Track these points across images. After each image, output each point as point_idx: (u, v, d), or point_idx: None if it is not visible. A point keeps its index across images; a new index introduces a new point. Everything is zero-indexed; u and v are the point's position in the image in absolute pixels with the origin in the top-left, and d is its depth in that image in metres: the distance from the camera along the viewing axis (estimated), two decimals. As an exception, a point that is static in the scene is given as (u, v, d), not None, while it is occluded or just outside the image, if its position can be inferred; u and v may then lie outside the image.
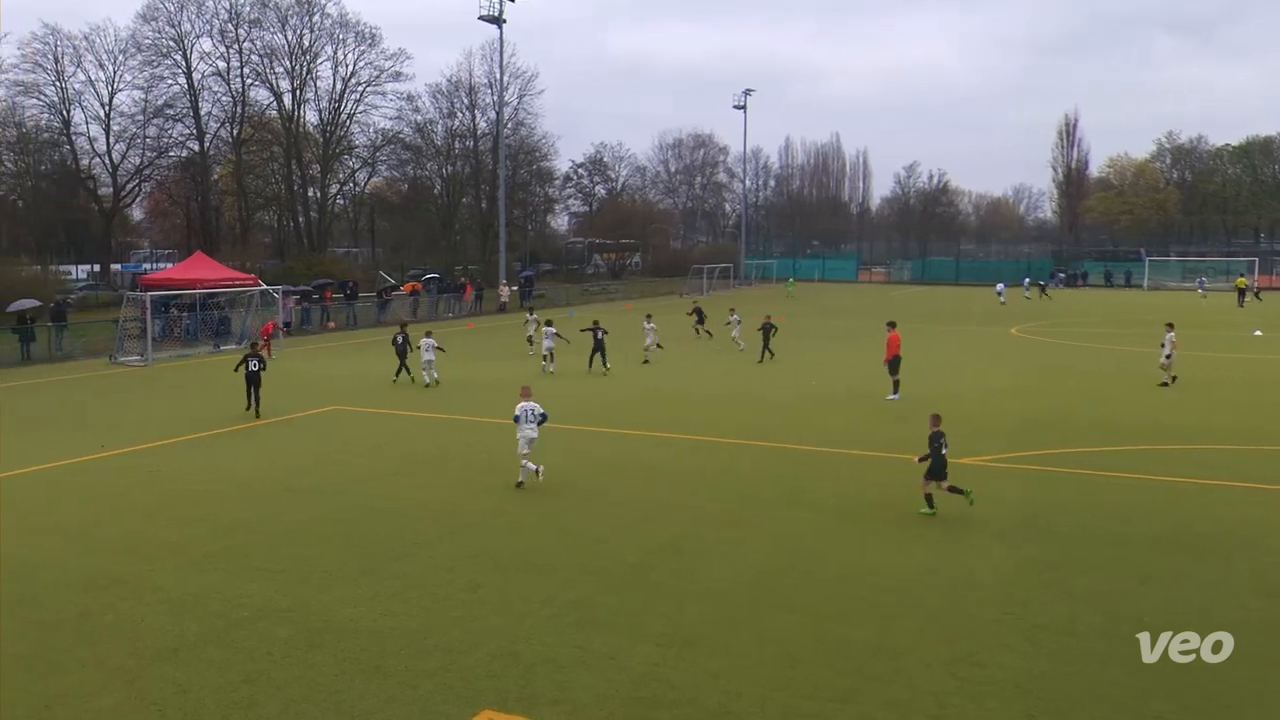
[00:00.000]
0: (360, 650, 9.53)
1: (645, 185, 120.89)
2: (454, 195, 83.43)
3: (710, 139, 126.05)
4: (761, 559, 12.37)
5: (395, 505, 14.90)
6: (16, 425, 21.80)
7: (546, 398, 17.43)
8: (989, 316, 54.33)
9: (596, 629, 10.08)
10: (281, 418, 22.53)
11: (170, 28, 65.89)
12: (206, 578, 11.61)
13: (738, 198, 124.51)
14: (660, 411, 23.10)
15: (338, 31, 71.26)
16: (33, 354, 33.57)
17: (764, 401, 24.68)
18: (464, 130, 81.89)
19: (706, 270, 77.53)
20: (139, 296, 35.12)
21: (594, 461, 17.93)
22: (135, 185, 71.28)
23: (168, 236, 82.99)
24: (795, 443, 19.53)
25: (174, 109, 67.69)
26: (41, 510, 14.66)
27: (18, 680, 8.90)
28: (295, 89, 70.56)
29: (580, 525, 13.89)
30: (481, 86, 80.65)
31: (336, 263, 66.97)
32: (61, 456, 18.20)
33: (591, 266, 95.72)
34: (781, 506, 14.91)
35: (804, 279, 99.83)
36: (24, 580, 11.52)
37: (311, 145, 73.79)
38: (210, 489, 15.89)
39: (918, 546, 12.81)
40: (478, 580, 11.51)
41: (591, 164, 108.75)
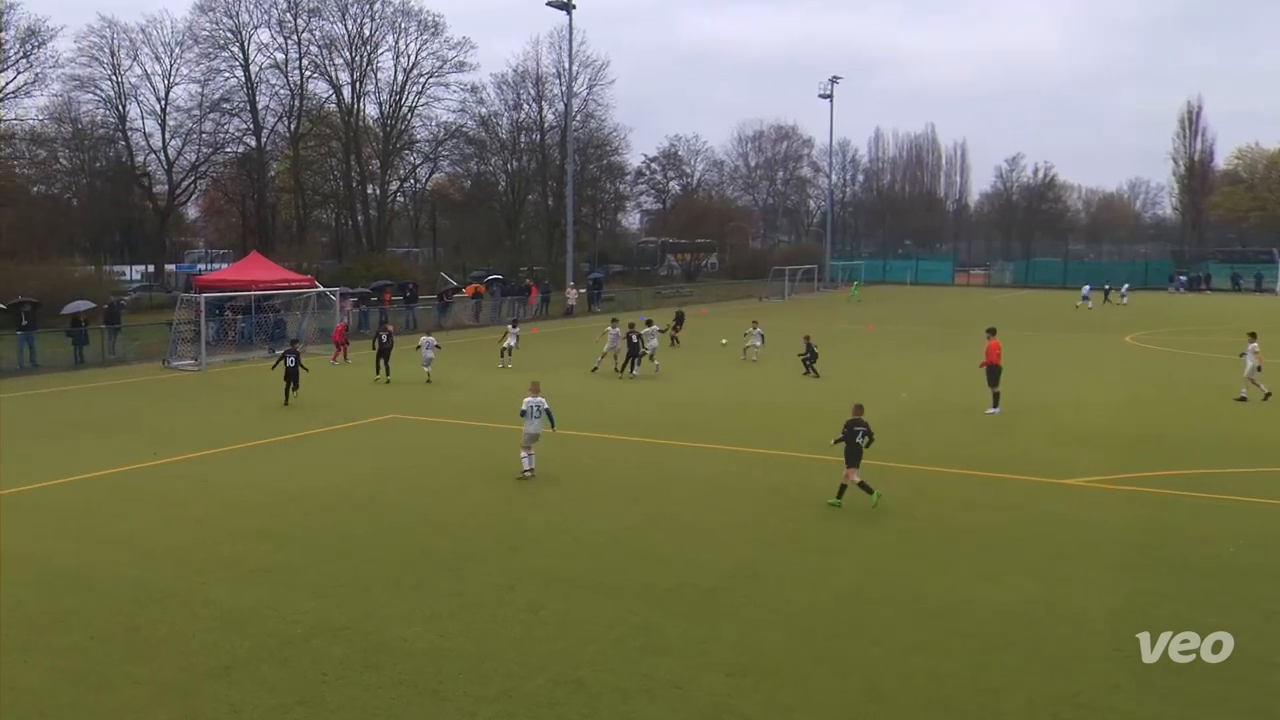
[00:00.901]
0: (417, 673, 9.72)
1: (723, 181, 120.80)
2: (519, 192, 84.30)
3: (793, 131, 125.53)
4: (843, 584, 12.30)
5: (453, 519, 15.15)
6: (69, 431, 22.67)
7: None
8: (1099, 323, 53.14)
9: (663, 656, 10.13)
10: (338, 426, 23.05)
11: (228, 18, 67.85)
12: (260, 592, 11.95)
13: (823, 194, 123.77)
14: (730, 424, 23.08)
15: (400, 20, 72.63)
16: (86, 357, 34.84)
17: (844, 415, 24.46)
18: (530, 123, 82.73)
19: (788, 272, 77.17)
20: (193, 298, 36.23)
21: (662, 476, 17.99)
22: (190, 182, 73.44)
23: (223, 236, 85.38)
24: (882, 459, 19.31)
25: (230, 103, 69.61)
26: (93, 520, 15.22)
27: (69, 695, 9.27)
28: (355, 81, 72.06)
29: (646, 544, 13.96)
30: (549, 77, 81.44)
31: (396, 263, 68.14)
32: (113, 464, 18.87)
33: (664, 268, 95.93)
34: (865, 527, 14.80)
35: (895, 281, 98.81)
36: (75, 592, 11.98)
37: (371, 140, 75.23)
38: (264, 500, 16.34)
39: (1018, 574, 12.60)
40: (539, 601, 11.65)
41: (665, 158, 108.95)
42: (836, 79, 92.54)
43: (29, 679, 9.57)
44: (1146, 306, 66.07)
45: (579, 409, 24.72)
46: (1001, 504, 16.15)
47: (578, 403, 25.67)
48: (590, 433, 21.97)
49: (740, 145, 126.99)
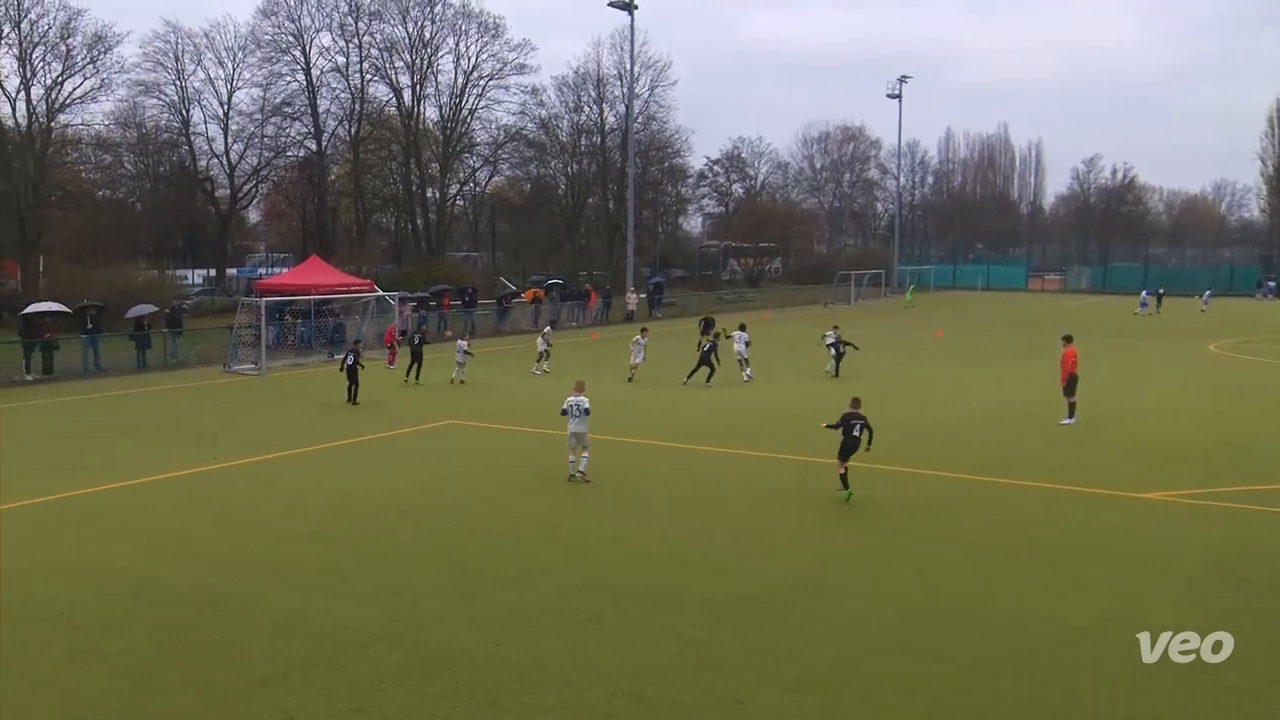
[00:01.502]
0: (473, 682, 9.79)
1: (787, 183, 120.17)
2: (579, 195, 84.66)
3: (860, 132, 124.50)
4: (907, 599, 12.16)
5: (511, 527, 15.25)
6: (131, 434, 23.24)
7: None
8: (1182, 330, 51.97)
9: (722, 670, 10.09)
10: (396, 431, 23.34)
11: (290, 22, 69.14)
12: (317, 597, 12.13)
13: (890, 196, 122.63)
14: (787, 431, 22.94)
15: (460, 22, 73.37)
16: (148, 361, 35.71)
17: (913, 425, 24.23)
18: (591, 125, 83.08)
19: (855, 277, 76.58)
20: (253, 302, 36.95)
21: (720, 485, 17.95)
22: (252, 186, 74.95)
23: (284, 239, 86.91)
24: (951, 470, 19.11)
25: (292, 107, 70.88)
26: (153, 523, 15.57)
27: (126, 699, 9.49)
28: (415, 84, 72.93)
29: (705, 555, 13.94)
30: (610, 78, 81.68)
31: (455, 267, 68.79)
32: (174, 467, 19.29)
33: (727, 272, 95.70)
34: (931, 541, 14.62)
35: (966, 287, 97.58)
36: (134, 595, 12.26)
37: (431, 143, 76.09)
38: (323, 504, 16.59)
39: (1091, 591, 12.36)
40: (596, 611, 11.68)
41: (728, 160, 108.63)
42: (905, 78, 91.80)
43: (88, 681, 9.82)
44: (1231, 313, 64.50)
45: (635, 415, 24.78)
46: (1073, 518, 15.84)
47: (634, 409, 25.73)
48: (648, 440, 22.00)
49: (805, 147, 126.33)
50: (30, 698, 9.47)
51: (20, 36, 52.35)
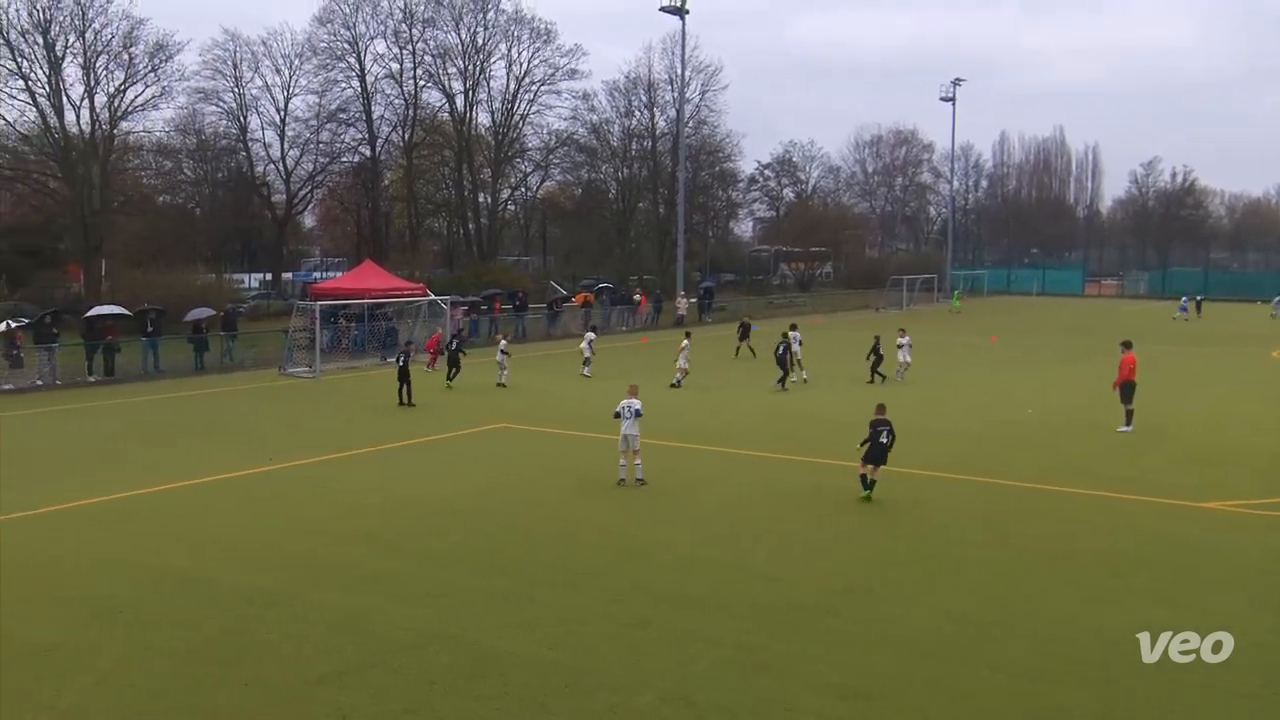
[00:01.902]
0: (523, 684, 9.85)
1: (839, 187, 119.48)
2: (630, 200, 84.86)
3: (913, 135, 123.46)
4: (960, 607, 12.04)
5: (561, 530, 15.33)
6: (189, 435, 23.67)
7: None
8: (1243, 337, 50.91)
9: (772, 675, 10.07)
10: (448, 434, 23.55)
11: (345, 30, 70.05)
12: (369, 598, 12.28)
13: (943, 200, 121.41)
14: (836, 436, 22.78)
15: (512, 28, 73.90)
16: (206, 363, 36.37)
17: (965, 431, 24.01)
18: (642, 130, 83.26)
19: (906, 281, 75.96)
20: (308, 306, 37.48)
21: (771, 490, 17.90)
22: (308, 192, 76.00)
23: (338, 244, 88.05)
24: (1004, 477, 18.89)
25: (347, 113, 71.81)
26: (209, 523, 15.86)
27: (185, 697, 9.67)
28: (468, 90, 73.58)
29: (754, 561, 13.91)
30: (661, 83, 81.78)
31: (506, 271, 69.27)
32: (231, 468, 19.62)
33: (777, 277, 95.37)
34: (983, 549, 14.49)
35: (1021, 292, 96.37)
36: (191, 594, 12.49)
37: (483, 148, 76.69)
38: (374, 506, 16.79)
39: (1149, 603, 12.14)
40: (645, 616, 11.70)
41: (779, 164, 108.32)
42: (959, 81, 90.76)
43: (147, 679, 10.02)
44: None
45: (683, 420, 24.77)
46: (1130, 527, 15.61)
47: (682, 413, 25.72)
48: (696, 445, 21.99)
49: (857, 151, 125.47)
50: (91, 694, 9.69)
51: (85, 46, 53.50)
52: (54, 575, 13.26)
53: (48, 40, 52.26)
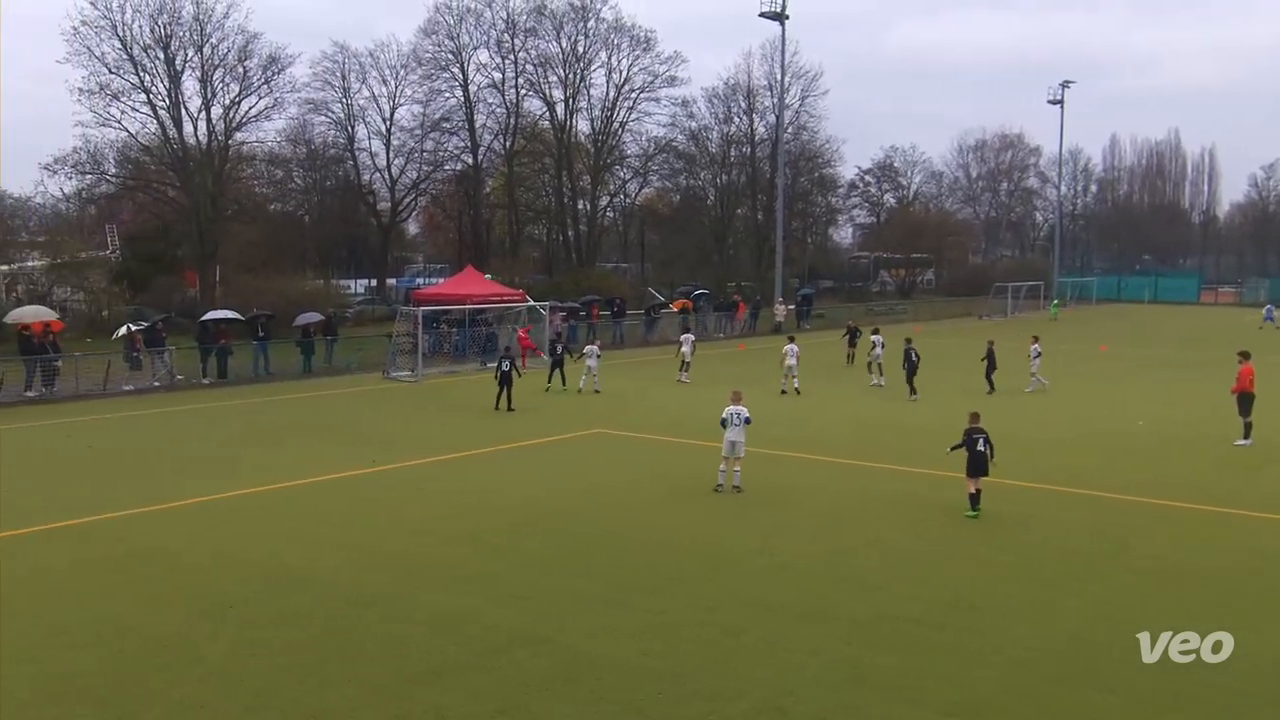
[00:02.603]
0: (617, 689, 9.85)
1: (941, 193, 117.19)
2: (728, 206, 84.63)
3: (1019, 139, 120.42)
4: (1073, 625, 11.65)
5: (656, 537, 15.31)
6: (297, 436, 24.32)
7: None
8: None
9: (872, 689, 9.89)
10: (546, 438, 23.74)
11: (449, 40, 71.29)
12: (468, 600, 12.43)
13: (1050, 206, 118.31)
14: (939, 447, 22.32)
15: (612, 36, 74.34)
16: (313, 367, 37.34)
17: (1074, 442, 23.31)
18: (740, 136, 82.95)
19: (1011, 289, 74.18)
20: (411, 311, 38.21)
21: (871, 499, 17.61)
22: (411, 199, 77.58)
23: (440, 250, 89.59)
24: (1115, 491, 18.27)
25: (450, 122, 73.09)
26: (315, 522, 16.26)
27: (289, 692, 9.90)
28: (568, 98, 74.25)
29: (854, 571, 13.69)
30: (760, 89, 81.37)
31: (604, 278, 69.61)
32: (336, 469, 20.09)
33: (877, 283, 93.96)
34: (1098, 565, 14.02)
35: (1132, 300, 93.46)
36: (298, 592, 12.81)
37: (582, 156, 77.32)
38: (473, 509, 17.01)
39: (1268, 626, 11.61)
40: (741, 624, 11.60)
41: (880, 170, 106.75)
42: (1068, 83, 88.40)
43: (256, 673, 10.29)
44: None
45: (784, 427, 24.55)
46: (1250, 545, 14.95)
47: (782, 421, 25.50)
48: (796, 453, 21.78)
49: (960, 155, 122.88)
50: (202, 685, 9.98)
51: (202, 60, 55.50)
52: (171, 570, 13.71)
53: (168, 55, 54.37)
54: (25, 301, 41.56)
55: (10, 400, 30.09)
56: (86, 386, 32.06)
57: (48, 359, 31.56)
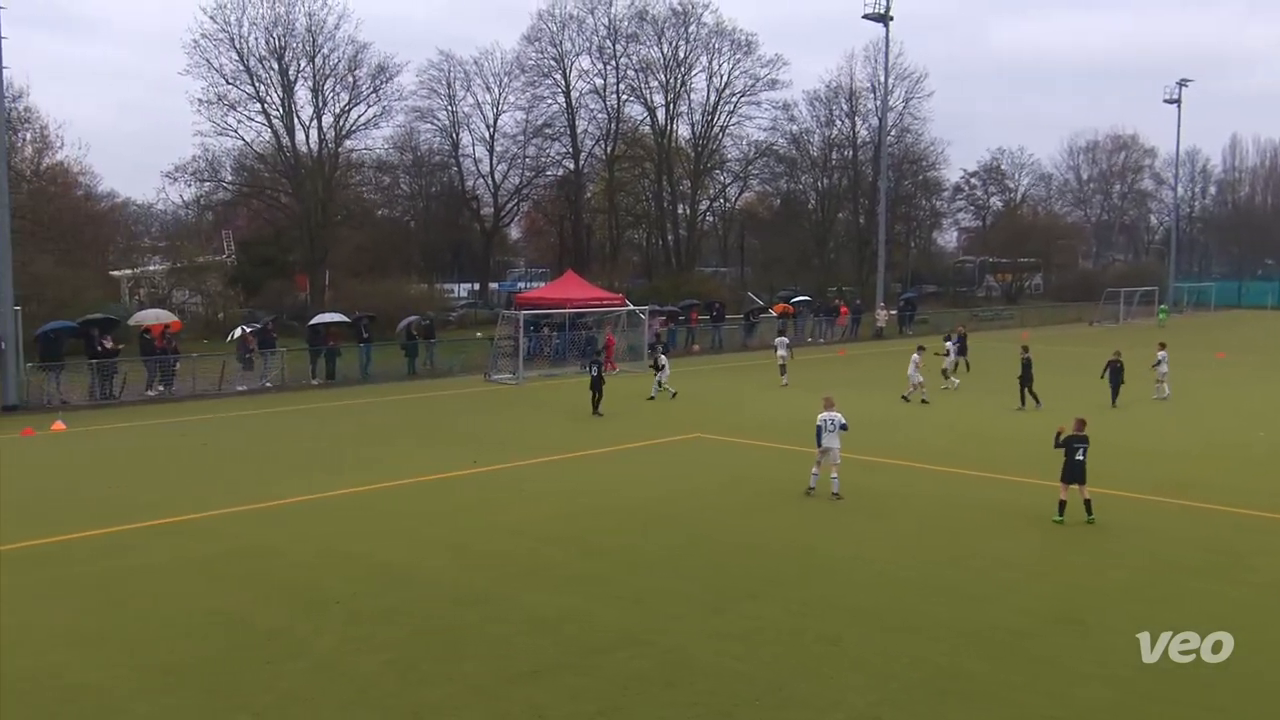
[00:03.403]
0: (713, 693, 9.86)
1: (1050, 195, 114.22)
2: (829, 210, 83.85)
3: (1133, 140, 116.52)
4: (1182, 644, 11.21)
5: (753, 541, 15.27)
6: (400, 436, 24.87)
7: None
8: None
9: (970, 701, 9.71)
10: (644, 442, 23.85)
11: (552, 47, 72.19)
12: (567, 601, 12.56)
13: (1166, 208, 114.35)
14: (1046, 456, 21.74)
15: (713, 41, 74.31)
16: (416, 369, 38.13)
17: (1186, 452, 22.51)
18: (842, 139, 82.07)
19: (1124, 294, 71.90)
20: (512, 315, 38.76)
21: (968, 509, 17.26)
22: (514, 204, 78.76)
23: (542, 255, 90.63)
24: (1227, 504, 17.57)
25: (552, 128, 73.99)
26: (417, 521, 16.62)
27: (391, 687, 10.14)
28: (668, 103, 74.46)
29: (954, 581, 13.45)
30: (863, 91, 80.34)
31: (704, 282, 69.57)
32: (438, 469, 20.50)
33: (983, 288, 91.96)
34: (1209, 580, 13.52)
35: (1254, 306, 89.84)
36: (399, 589, 13.11)
37: (682, 160, 77.47)
38: (573, 511, 17.19)
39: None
40: (837, 632, 11.50)
41: (986, 172, 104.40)
42: (1185, 82, 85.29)
43: (360, 669, 10.56)
44: None
45: (882, 434, 24.24)
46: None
47: (880, 428, 25.17)
48: (895, 460, 21.48)
49: (1070, 157, 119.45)
50: (307, 678, 10.29)
51: (314, 70, 57.22)
52: (278, 566, 14.19)
53: (282, 66, 56.19)
54: (147, 304, 43.38)
55: (132, 399, 31.42)
56: (202, 386, 33.32)
57: (167, 359, 32.86)
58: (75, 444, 24.58)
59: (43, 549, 14.94)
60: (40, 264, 41.09)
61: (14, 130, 46.04)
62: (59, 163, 54.07)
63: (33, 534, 15.59)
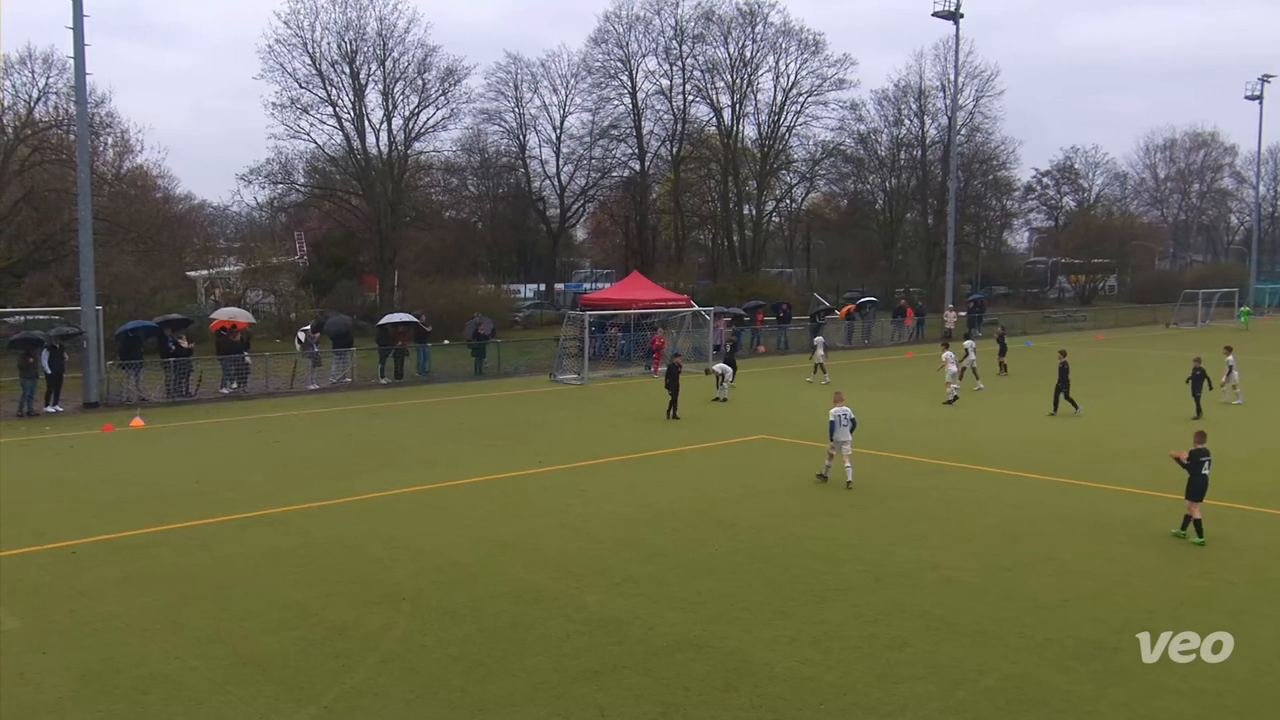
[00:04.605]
0: (776, 698, 9.81)
1: (1125, 195, 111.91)
2: (897, 210, 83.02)
3: (1212, 138, 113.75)
4: (1264, 657, 10.91)
5: (817, 546, 15.16)
6: (467, 435, 25.12)
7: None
8: None
9: (1041, 710, 9.55)
10: (709, 444, 23.82)
11: (618, 49, 72.48)
12: (629, 602, 12.59)
13: (1247, 208, 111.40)
14: (1132, 463, 21.29)
15: (780, 40, 74.01)
16: (484, 369, 38.50)
17: (1270, 459, 21.86)
18: (911, 139, 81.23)
19: (1203, 296, 70.15)
20: (578, 316, 38.95)
21: (1043, 513, 16.95)
22: (580, 206, 79.18)
23: (607, 256, 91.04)
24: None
25: (618, 129, 74.26)
26: (485, 519, 16.77)
27: (457, 680, 10.26)
28: (735, 103, 74.31)
29: (1025, 588, 13.22)
30: (932, 90, 79.50)
31: (769, 284, 69.34)
32: (504, 469, 20.68)
33: (1055, 290, 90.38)
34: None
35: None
36: (466, 586, 13.25)
37: (749, 161, 77.24)
38: (636, 513, 17.22)
39: None
40: (904, 637, 11.38)
41: (1059, 172, 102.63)
42: (1267, 77, 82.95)
43: (426, 663, 10.70)
44: None
45: (947, 437, 23.92)
46: None
47: (946, 430, 24.85)
48: (962, 463, 21.18)
49: (1147, 156, 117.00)
50: (376, 672, 10.45)
51: (385, 73, 58.11)
52: (348, 561, 14.41)
53: (353, 69, 57.16)
54: (222, 304, 44.35)
55: (208, 397, 32.16)
56: (275, 385, 33.98)
57: (240, 358, 33.58)
58: (154, 440, 25.22)
59: (123, 541, 15.36)
60: (120, 264, 42.25)
61: (96, 134, 47.39)
62: (139, 166, 55.69)
63: (114, 527, 16.06)
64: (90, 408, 29.89)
